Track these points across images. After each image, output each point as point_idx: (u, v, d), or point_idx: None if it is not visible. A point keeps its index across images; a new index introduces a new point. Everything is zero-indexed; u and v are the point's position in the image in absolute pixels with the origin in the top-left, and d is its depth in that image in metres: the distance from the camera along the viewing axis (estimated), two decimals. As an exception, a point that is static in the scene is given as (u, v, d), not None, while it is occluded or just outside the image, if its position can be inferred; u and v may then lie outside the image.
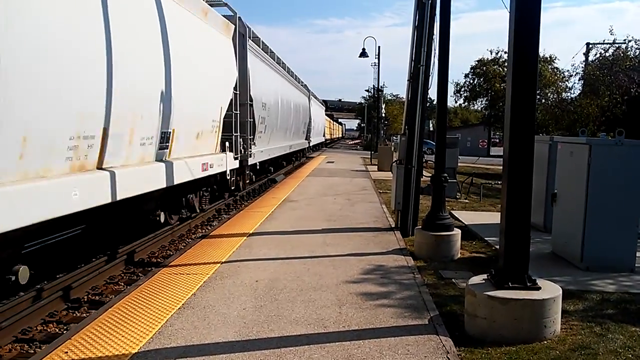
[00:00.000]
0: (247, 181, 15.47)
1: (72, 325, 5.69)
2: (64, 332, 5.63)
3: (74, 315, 6.33)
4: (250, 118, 14.34)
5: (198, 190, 11.49)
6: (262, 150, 16.84)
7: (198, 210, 11.70)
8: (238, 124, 13.06)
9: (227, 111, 12.10)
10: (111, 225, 8.40)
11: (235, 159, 13.02)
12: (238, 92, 13.08)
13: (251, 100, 14.34)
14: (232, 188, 13.64)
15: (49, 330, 5.86)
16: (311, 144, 38.62)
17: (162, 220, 9.78)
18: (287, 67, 24.36)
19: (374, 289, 6.06)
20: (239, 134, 13.18)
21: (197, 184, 11.01)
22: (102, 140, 6.64)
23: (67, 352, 4.29)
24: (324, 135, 49.49)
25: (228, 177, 12.54)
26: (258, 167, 17.11)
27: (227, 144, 12.23)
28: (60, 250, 7.62)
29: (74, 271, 7.38)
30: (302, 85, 32.00)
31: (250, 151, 14.54)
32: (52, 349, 4.39)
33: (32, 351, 5.31)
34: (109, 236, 8.61)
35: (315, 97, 43.17)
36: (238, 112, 12.96)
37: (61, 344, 4.48)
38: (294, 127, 26.35)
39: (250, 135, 14.42)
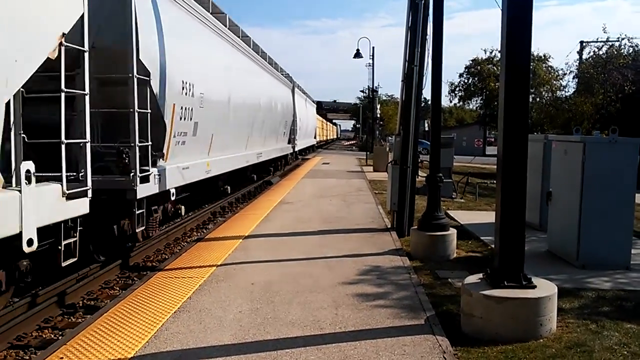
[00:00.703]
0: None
1: (68, 331, 5.67)
2: (59, 337, 5.59)
3: (69, 320, 6.29)
4: (148, 108, 7.75)
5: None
6: (187, 167, 9.79)
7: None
8: (86, 117, 5.88)
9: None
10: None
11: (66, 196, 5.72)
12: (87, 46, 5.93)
13: (147, 74, 7.76)
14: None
15: (44, 336, 5.83)
16: (297, 149, 30.05)
17: None
18: (254, 43, 17.43)
19: (370, 290, 6.06)
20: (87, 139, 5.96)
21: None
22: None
23: (62, 358, 4.27)
24: (315, 137, 45.05)
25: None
26: (175, 198, 9.49)
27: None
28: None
29: (69, 276, 7.34)
30: (282, 73, 25.00)
31: (147, 171, 7.82)
32: (47, 355, 4.36)
33: (28, 357, 5.29)
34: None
35: (303, 92, 35.56)
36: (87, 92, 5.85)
37: (56, 349, 4.45)
38: (265, 127, 18.77)
39: (149, 141, 7.79)
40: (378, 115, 48.28)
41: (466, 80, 41.21)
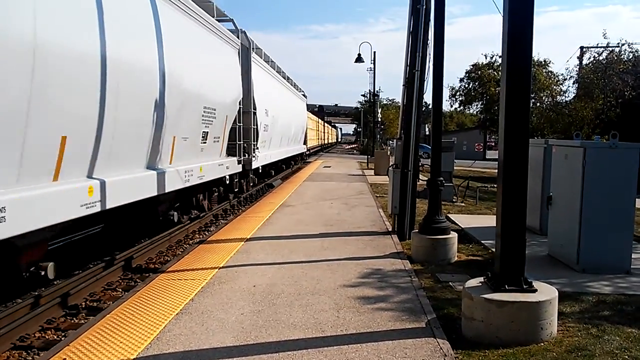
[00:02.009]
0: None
1: (70, 332, 5.70)
2: (62, 338, 5.61)
3: (72, 321, 6.32)
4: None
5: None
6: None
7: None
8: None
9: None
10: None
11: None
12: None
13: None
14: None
15: (47, 337, 5.85)
16: (254, 165, 31.13)
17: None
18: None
19: (371, 293, 6.09)
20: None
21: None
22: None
23: (65, 359, 4.30)
24: (304, 142, 35.58)
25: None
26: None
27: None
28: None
29: (72, 277, 7.38)
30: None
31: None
32: (50, 356, 4.40)
33: (31, 358, 5.31)
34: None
35: (285, 76, 29.73)
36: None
37: (59, 350, 4.48)
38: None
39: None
40: (379, 119, 48.36)
41: (467, 85, 41.32)
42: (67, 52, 5.80)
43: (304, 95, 35.50)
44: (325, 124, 73.15)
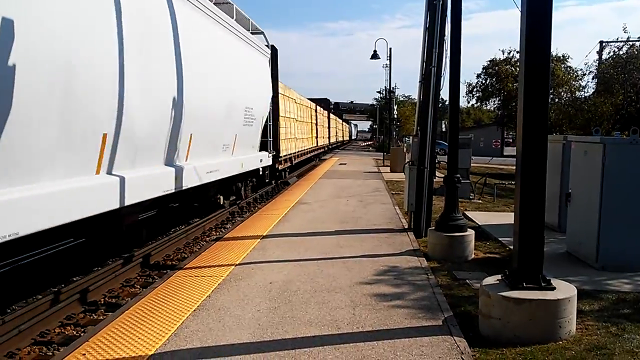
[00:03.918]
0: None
1: (90, 328, 5.78)
2: (82, 334, 5.69)
3: (91, 317, 6.40)
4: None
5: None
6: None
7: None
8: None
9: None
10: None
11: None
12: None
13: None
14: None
15: (66, 332, 5.94)
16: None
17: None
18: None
19: (387, 290, 6.07)
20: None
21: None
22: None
23: (84, 354, 4.35)
24: (273, 148, 17.72)
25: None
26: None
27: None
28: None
29: (91, 274, 7.47)
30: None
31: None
32: (70, 351, 4.45)
33: (51, 353, 5.39)
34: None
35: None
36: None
37: (79, 346, 4.54)
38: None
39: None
40: (395, 116, 48.17)
41: (484, 81, 40.92)
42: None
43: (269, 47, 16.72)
44: (337, 119, 66.15)
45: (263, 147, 15.58)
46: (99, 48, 6.24)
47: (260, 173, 15.49)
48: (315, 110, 35.64)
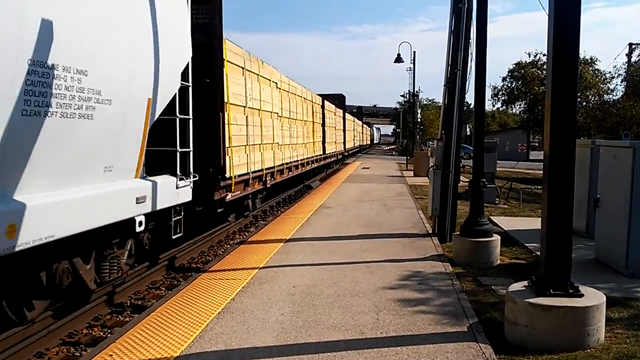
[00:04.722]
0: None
1: (116, 329, 5.87)
2: (109, 335, 5.79)
3: (118, 319, 6.50)
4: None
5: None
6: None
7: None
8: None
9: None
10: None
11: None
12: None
13: None
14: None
15: (93, 333, 6.04)
16: None
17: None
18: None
19: (411, 296, 6.03)
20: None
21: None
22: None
23: (111, 355, 4.42)
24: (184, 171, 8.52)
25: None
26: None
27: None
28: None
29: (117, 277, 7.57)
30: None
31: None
32: (97, 352, 4.53)
33: (78, 354, 5.48)
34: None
35: None
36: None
37: (106, 347, 4.62)
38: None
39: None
40: (419, 120, 47.92)
41: (509, 84, 40.54)
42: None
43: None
44: (354, 120, 51.82)
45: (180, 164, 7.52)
46: None
47: (141, 229, 6.54)
48: (322, 107, 25.35)
